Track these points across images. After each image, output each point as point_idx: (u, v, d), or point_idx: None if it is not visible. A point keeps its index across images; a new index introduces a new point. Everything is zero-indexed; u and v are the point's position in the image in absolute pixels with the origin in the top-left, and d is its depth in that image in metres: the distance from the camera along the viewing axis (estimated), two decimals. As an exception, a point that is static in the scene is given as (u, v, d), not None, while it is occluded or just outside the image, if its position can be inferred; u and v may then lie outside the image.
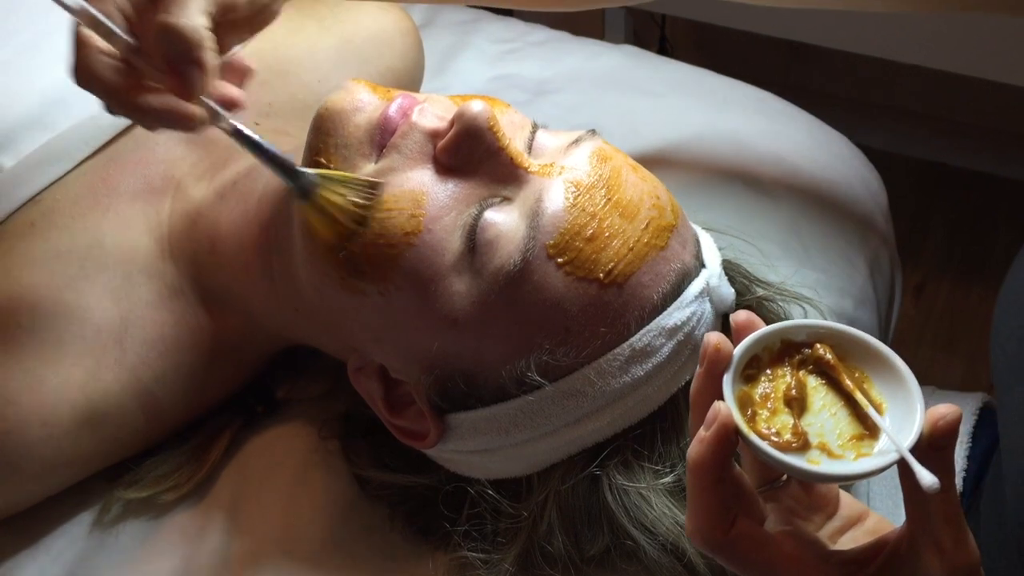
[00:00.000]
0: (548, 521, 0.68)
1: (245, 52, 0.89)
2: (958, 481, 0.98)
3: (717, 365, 0.51)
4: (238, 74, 0.67)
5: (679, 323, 0.66)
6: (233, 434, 0.82)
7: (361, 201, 0.65)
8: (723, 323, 0.70)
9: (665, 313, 0.66)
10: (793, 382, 0.52)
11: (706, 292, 0.68)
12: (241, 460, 0.81)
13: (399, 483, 0.75)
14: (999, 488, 0.81)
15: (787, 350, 0.53)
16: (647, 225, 0.66)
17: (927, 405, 0.49)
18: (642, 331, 0.65)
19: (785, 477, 0.56)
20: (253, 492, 0.79)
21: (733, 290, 0.71)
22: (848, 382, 0.51)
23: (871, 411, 0.50)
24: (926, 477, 0.46)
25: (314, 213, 0.66)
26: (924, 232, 1.96)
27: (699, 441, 0.50)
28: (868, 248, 1.00)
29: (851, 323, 0.96)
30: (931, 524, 0.49)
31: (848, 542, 0.54)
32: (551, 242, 0.64)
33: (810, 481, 0.54)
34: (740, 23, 1.79)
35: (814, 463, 0.49)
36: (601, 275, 0.64)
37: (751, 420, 0.50)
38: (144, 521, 0.78)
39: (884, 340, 1.05)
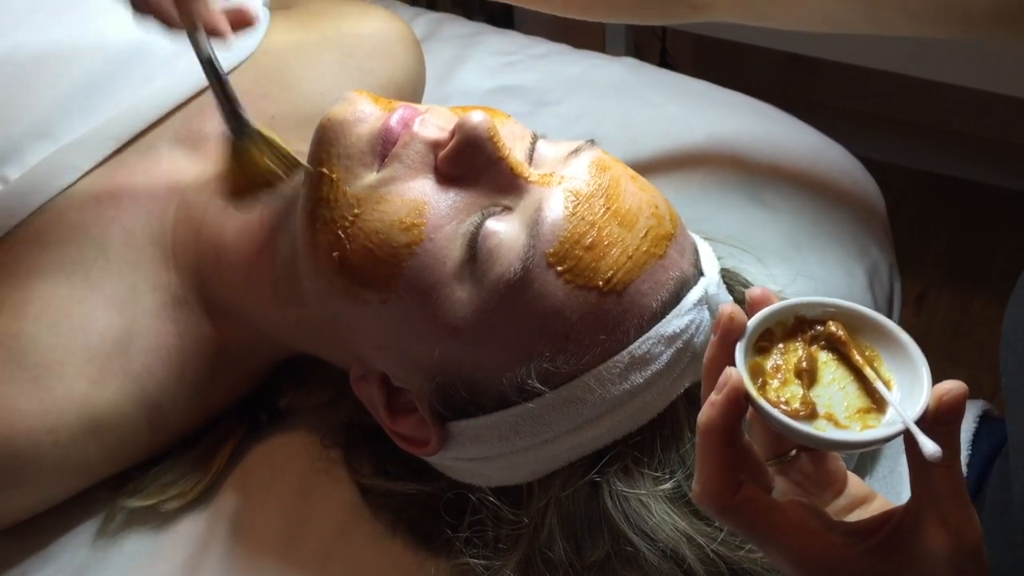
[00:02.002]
0: (549, 528, 0.68)
1: (247, 64, 0.91)
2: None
3: (730, 334, 0.52)
4: (241, 18, 0.72)
5: (678, 331, 0.67)
6: (237, 443, 0.82)
7: (275, 169, 0.72)
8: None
9: (664, 321, 0.67)
10: (804, 355, 0.53)
11: (704, 300, 0.69)
12: (244, 469, 0.82)
13: (401, 491, 0.76)
14: (1005, 490, 0.81)
15: (800, 326, 0.54)
16: (646, 234, 0.67)
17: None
18: (641, 339, 0.66)
19: (794, 452, 0.57)
20: (256, 500, 0.80)
21: (731, 298, 0.71)
22: (858, 357, 0.52)
23: (879, 384, 0.51)
24: (928, 445, 0.47)
25: (232, 154, 0.73)
26: (925, 242, 1.96)
27: (710, 404, 0.50)
28: (867, 258, 1.00)
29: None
30: (937, 499, 0.50)
31: (853, 520, 0.55)
32: (551, 250, 0.64)
33: (816, 447, 0.55)
34: (741, 36, 1.80)
35: (820, 431, 0.50)
36: (600, 283, 0.65)
37: (761, 388, 0.52)
38: (148, 530, 0.79)
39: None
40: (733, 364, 0.51)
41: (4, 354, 0.74)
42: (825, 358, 0.53)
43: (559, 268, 0.64)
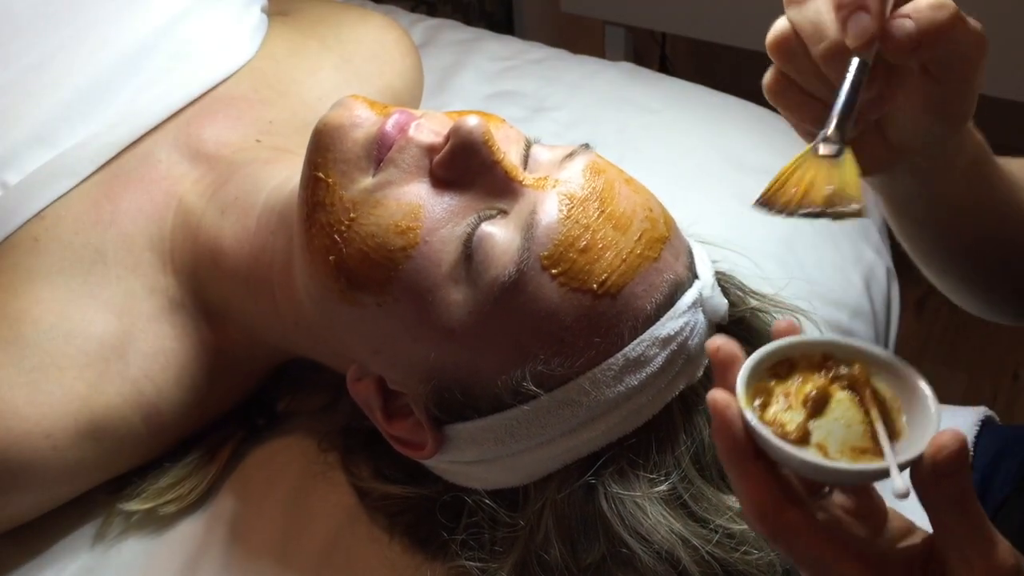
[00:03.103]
0: (545, 530, 0.68)
1: (246, 70, 0.91)
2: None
3: (722, 365, 0.52)
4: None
5: (672, 333, 0.67)
6: (235, 446, 0.83)
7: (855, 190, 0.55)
8: (717, 333, 0.71)
9: (658, 323, 0.67)
10: (816, 388, 0.52)
11: (699, 303, 0.69)
12: (242, 472, 0.82)
13: (398, 494, 0.76)
14: None
15: (826, 363, 0.53)
16: (640, 237, 0.67)
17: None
18: (635, 341, 0.66)
19: (828, 489, 0.55)
20: (254, 504, 0.80)
21: (726, 301, 0.71)
22: (868, 402, 0.52)
23: (879, 426, 0.50)
24: (897, 482, 0.47)
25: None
26: (925, 247, 1.96)
27: (713, 432, 0.51)
28: (863, 261, 1.00)
29: (846, 334, 0.97)
30: (955, 541, 0.49)
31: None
32: (545, 253, 0.65)
33: (793, 469, 0.53)
34: (740, 41, 1.81)
35: (794, 450, 0.49)
36: (595, 286, 0.65)
37: (761, 409, 0.51)
38: (146, 533, 0.79)
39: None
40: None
41: (2, 358, 0.74)
42: (841, 396, 0.52)
43: (553, 271, 0.65)
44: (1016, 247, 0.71)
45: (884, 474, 0.48)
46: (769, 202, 0.55)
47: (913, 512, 0.54)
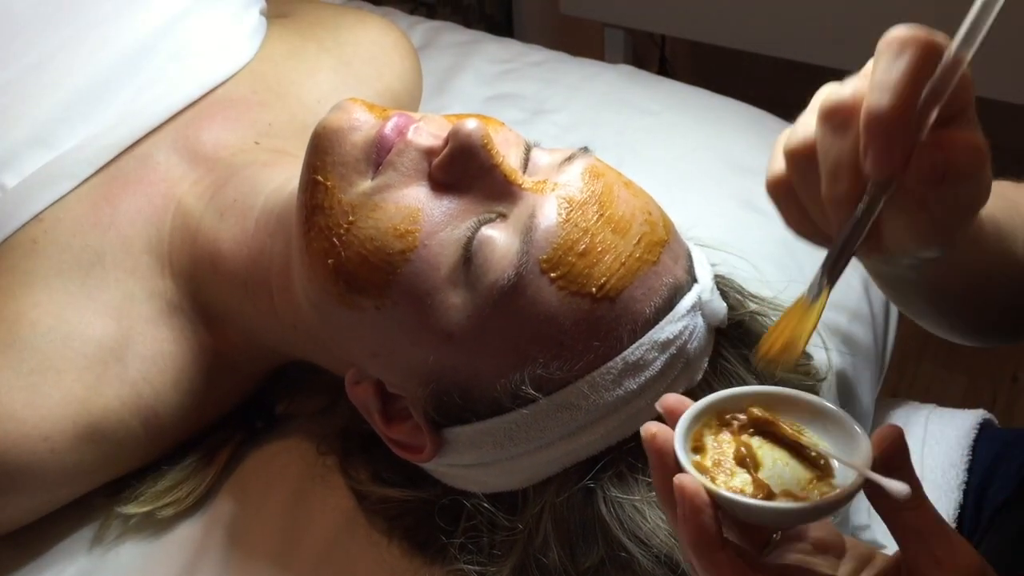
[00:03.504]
0: (543, 534, 0.68)
1: (244, 72, 0.91)
2: (958, 494, 0.98)
3: (662, 451, 0.51)
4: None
5: (671, 337, 0.67)
6: (233, 449, 0.83)
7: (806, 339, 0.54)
8: (715, 337, 0.71)
9: (657, 327, 0.67)
10: (738, 444, 0.53)
11: (698, 306, 0.69)
12: (240, 475, 0.82)
13: (397, 497, 0.76)
14: None
15: (723, 420, 0.54)
16: (639, 240, 0.67)
17: (923, 423, 0.50)
18: (634, 345, 0.66)
19: (777, 536, 0.56)
20: (252, 507, 0.80)
21: (725, 304, 0.71)
22: (789, 431, 0.53)
23: (821, 448, 0.52)
24: (895, 485, 0.47)
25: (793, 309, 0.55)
26: (924, 249, 1.96)
27: (682, 523, 0.49)
28: (861, 265, 1.00)
29: (846, 338, 0.97)
30: (921, 540, 0.49)
31: None
32: (544, 257, 0.65)
33: (790, 523, 0.54)
34: (739, 43, 1.81)
35: (790, 505, 0.50)
36: (594, 289, 0.65)
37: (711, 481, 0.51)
38: (144, 537, 0.79)
39: (883, 356, 1.06)
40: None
41: (0, 361, 0.74)
42: (758, 443, 0.53)
43: (552, 275, 0.65)
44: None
45: (864, 483, 0.49)
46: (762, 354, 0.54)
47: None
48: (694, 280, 0.70)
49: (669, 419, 0.54)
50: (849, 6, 1.65)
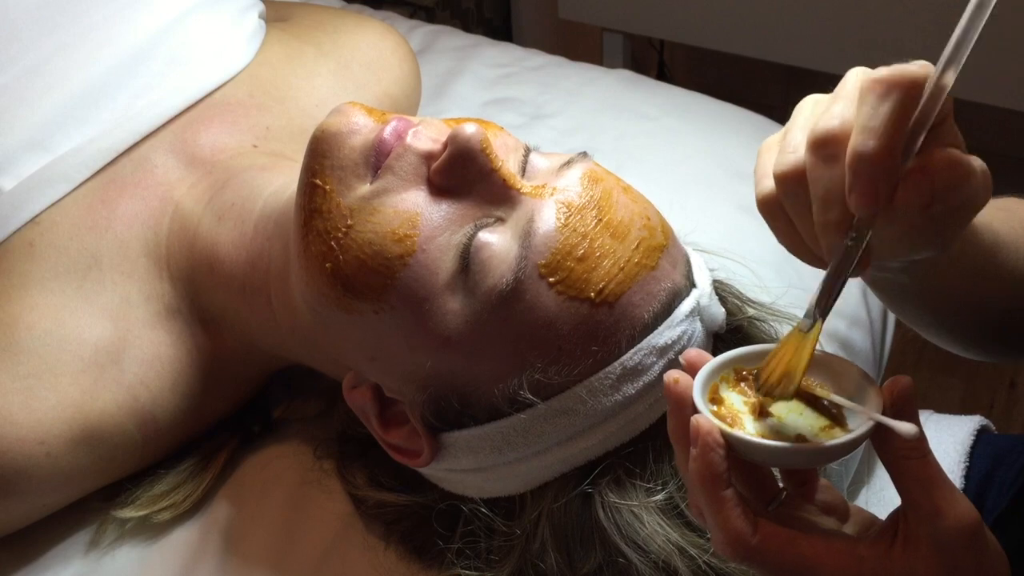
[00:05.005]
0: (541, 539, 0.68)
1: (243, 76, 0.91)
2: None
3: (681, 396, 0.53)
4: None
5: (670, 342, 0.67)
6: (230, 453, 0.82)
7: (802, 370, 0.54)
8: (713, 343, 0.71)
9: (656, 332, 0.67)
10: (754, 395, 0.55)
11: (696, 311, 0.69)
12: (237, 479, 0.82)
13: (394, 502, 0.76)
14: None
15: (740, 375, 0.56)
16: (637, 245, 0.67)
17: (920, 421, 0.51)
18: (633, 350, 0.66)
19: (784, 494, 0.57)
20: (249, 511, 0.80)
21: (723, 309, 0.71)
22: (804, 383, 0.54)
23: (834, 397, 0.53)
24: (903, 426, 0.49)
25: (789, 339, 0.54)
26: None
27: (692, 460, 0.51)
28: (861, 269, 1.00)
29: (844, 344, 0.97)
30: (924, 490, 0.50)
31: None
32: (543, 262, 0.65)
33: (803, 465, 0.56)
34: (738, 48, 1.81)
35: (802, 445, 0.51)
36: (592, 294, 0.65)
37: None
38: (141, 540, 0.79)
39: (880, 362, 1.06)
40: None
41: (-3, 364, 0.74)
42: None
43: (551, 279, 0.65)
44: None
45: (875, 428, 0.50)
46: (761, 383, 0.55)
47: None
48: (692, 285, 0.70)
49: (689, 372, 0.55)
50: (847, 11, 1.65)
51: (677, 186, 1.03)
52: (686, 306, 0.68)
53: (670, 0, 1.81)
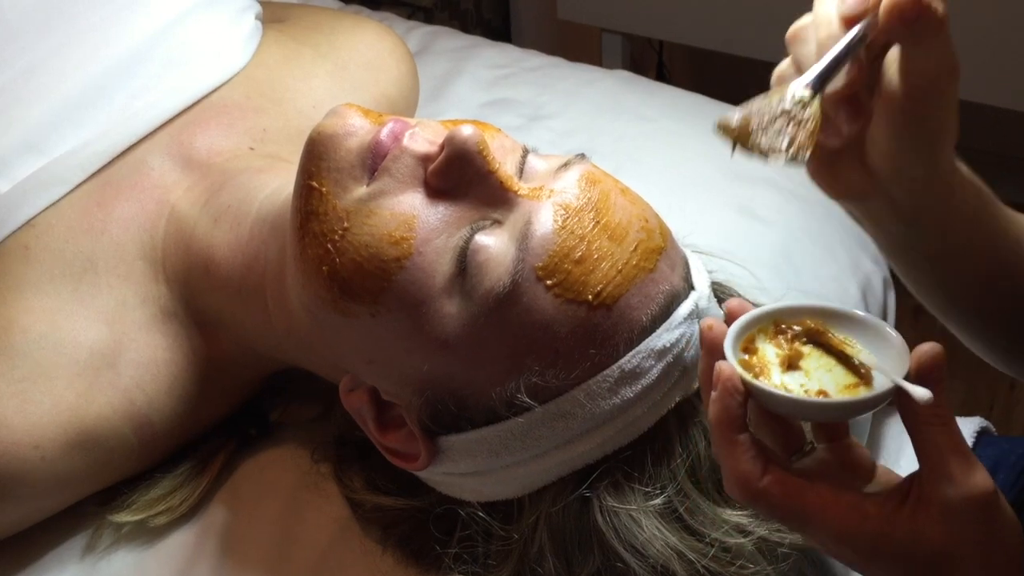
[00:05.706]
0: (539, 543, 0.68)
1: (240, 77, 0.91)
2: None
3: (713, 343, 0.56)
4: None
5: (668, 345, 0.67)
6: (226, 457, 0.82)
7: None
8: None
9: (654, 335, 0.66)
10: (788, 348, 0.58)
11: (695, 314, 0.69)
12: (234, 483, 0.82)
13: (391, 506, 0.75)
14: None
15: (780, 329, 0.59)
16: (636, 247, 0.66)
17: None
18: (631, 353, 0.66)
19: (809, 446, 0.59)
20: (246, 515, 0.79)
21: (722, 312, 0.71)
22: (836, 340, 0.57)
23: (862, 356, 0.56)
24: (918, 390, 0.51)
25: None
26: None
27: (712, 402, 0.54)
28: (860, 271, 1.00)
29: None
30: (941, 457, 0.52)
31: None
32: (540, 264, 0.64)
33: (817, 418, 0.58)
34: (737, 49, 1.81)
35: (818, 399, 0.54)
36: (590, 297, 0.64)
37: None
38: (137, 545, 0.78)
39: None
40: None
41: (-9, 367, 0.74)
42: (808, 350, 0.58)
43: (548, 282, 0.64)
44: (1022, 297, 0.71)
45: (894, 391, 0.53)
46: (728, 131, 0.61)
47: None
48: (691, 287, 0.70)
49: (729, 320, 0.58)
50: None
51: (676, 188, 1.03)
52: (684, 308, 0.68)
53: (669, 1, 1.81)
